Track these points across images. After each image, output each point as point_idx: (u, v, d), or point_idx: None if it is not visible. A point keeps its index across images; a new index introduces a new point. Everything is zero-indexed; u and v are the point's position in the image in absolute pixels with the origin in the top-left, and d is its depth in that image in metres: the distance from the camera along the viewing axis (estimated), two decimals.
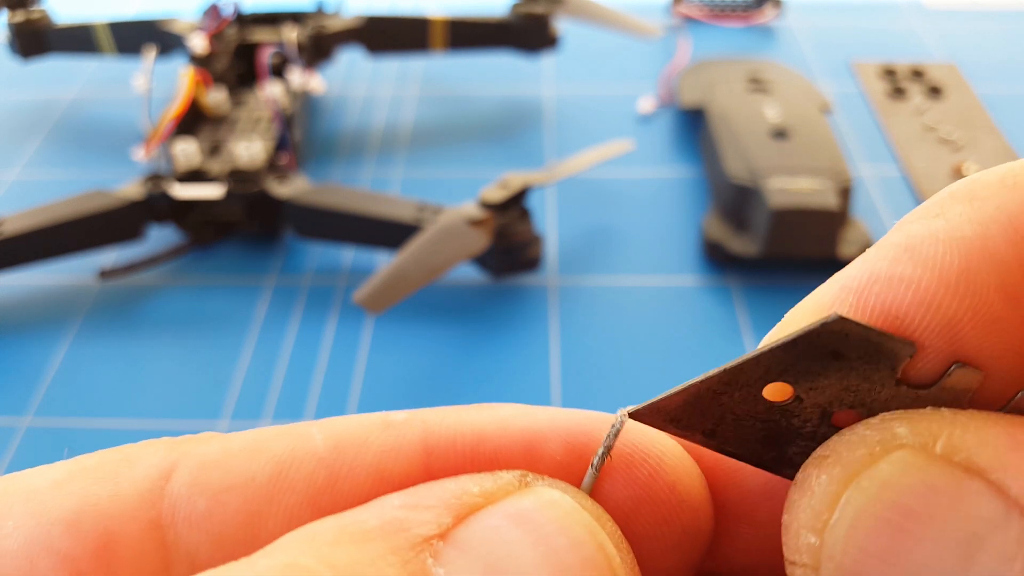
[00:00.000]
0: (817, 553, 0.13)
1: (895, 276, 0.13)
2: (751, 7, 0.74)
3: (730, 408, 0.14)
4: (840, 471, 0.13)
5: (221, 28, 0.60)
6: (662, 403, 0.14)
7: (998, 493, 0.12)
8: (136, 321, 0.48)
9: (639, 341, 0.46)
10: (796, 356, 0.13)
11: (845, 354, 0.13)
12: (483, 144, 0.62)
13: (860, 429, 0.13)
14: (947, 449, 0.12)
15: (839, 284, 0.13)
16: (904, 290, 0.13)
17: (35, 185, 0.58)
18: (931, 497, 0.12)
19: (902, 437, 0.13)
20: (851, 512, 0.13)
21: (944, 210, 0.13)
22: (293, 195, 0.49)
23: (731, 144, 0.52)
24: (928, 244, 0.13)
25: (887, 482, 0.12)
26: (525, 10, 0.62)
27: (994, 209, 0.13)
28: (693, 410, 0.14)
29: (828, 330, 0.13)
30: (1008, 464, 0.12)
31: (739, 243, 0.49)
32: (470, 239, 0.45)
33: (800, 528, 0.13)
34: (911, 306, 0.13)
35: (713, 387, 0.14)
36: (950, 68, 0.66)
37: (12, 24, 0.63)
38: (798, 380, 0.13)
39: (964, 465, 0.12)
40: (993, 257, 0.12)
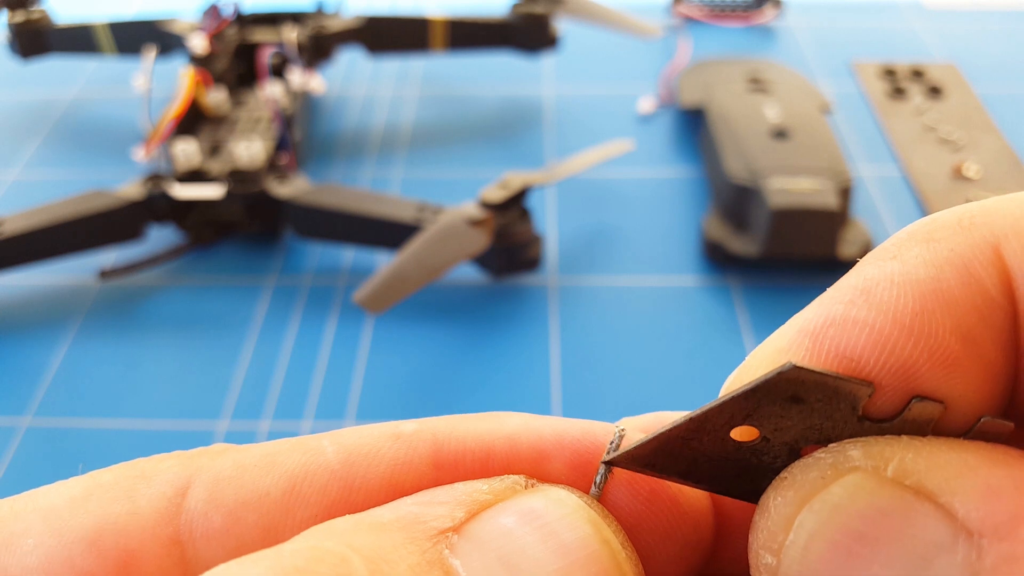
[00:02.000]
0: (775, 573, 0.13)
1: (850, 320, 0.13)
2: (751, 7, 0.74)
3: (700, 451, 0.14)
4: (793, 494, 0.13)
5: (221, 28, 0.60)
6: (635, 451, 0.15)
7: (945, 516, 0.12)
8: (136, 321, 0.48)
9: (639, 341, 0.46)
10: (756, 403, 0.14)
11: (804, 398, 0.13)
12: (483, 144, 0.62)
13: (818, 453, 0.14)
14: (898, 473, 0.13)
15: (796, 328, 0.14)
16: (859, 333, 0.13)
17: (35, 185, 0.59)
18: (880, 520, 0.13)
19: (855, 460, 0.13)
20: (804, 535, 0.13)
21: (901, 252, 0.13)
22: (293, 195, 0.49)
23: (731, 144, 0.52)
24: (883, 287, 0.13)
25: (838, 505, 0.13)
26: (525, 10, 0.62)
27: (948, 251, 0.13)
28: (665, 455, 0.15)
29: (784, 378, 0.13)
30: (956, 488, 0.12)
31: (739, 243, 0.49)
32: (470, 239, 0.45)
33: (759, 548, 0.14)
34: (866, 349, 0.13)
35: (681, 434, 0.14)
36: (950, 68, 0.66)
37: (12, 24, 0.63)
38: (762, 423, 0.14)
39: (914, 488, 0.13)
40: (947, 299, 0.13)
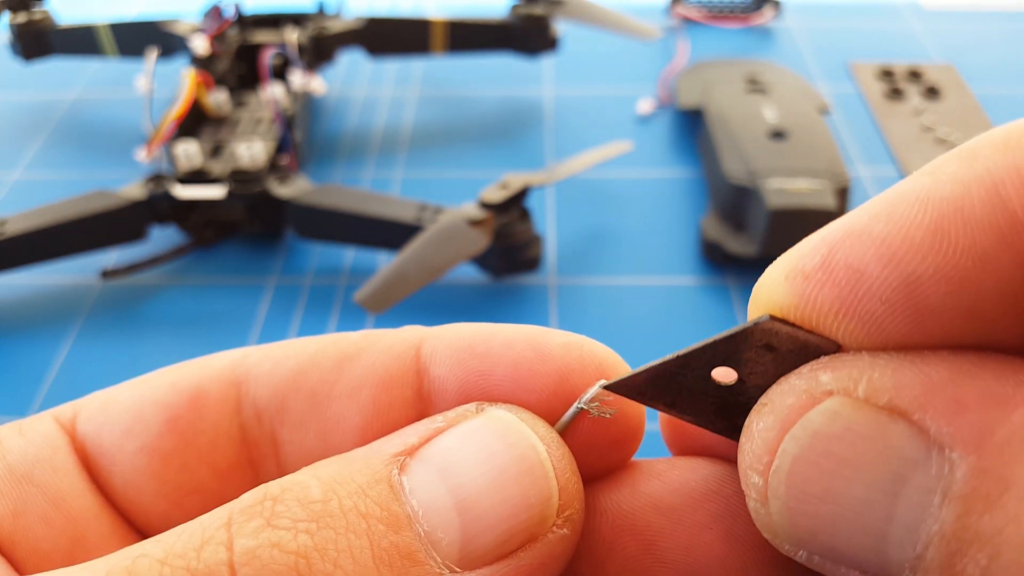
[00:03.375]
0: (764, 491, 0.15)
1: (866, 232, 0.14)
2: (749, 8, 0.74)
3: (685, 385, 0.16)
4: (773, 419, 0.15)
5: (223, 30, 0.60)
6: (630, 379, 0.17)
7: (919, 433, 0.13)
8: (138, 321, 0.48)
9: (638, 340, 0.46)
10: (735, 348, 0.15)
11: (777, 347, 0.15)
12: (483, 145, 0.62)
13: (792, 379, 0.15)
14: (869, 393, 0.14)
15: (821, 235, 0.15)
16: (870, 245, 0.14)
17: (37, 185, 0.59)
18: (858, 443, 0.14)
19: (826, 384, 0.14)
20: (788, 460, 0.14)
21: (940, 167, 0.13)
22: (294, 195, 0.49)
23: (729, 145, 0.52)
24: (906, 202, 0.13)
25: (817, 432, 0.14)
26: (525, 12, 0.62)
27: (983, 170, 0.13)
28: (655, 386, 0.17)
29: (760, 329, 0.15)
30: (927, 405, 0.13)
31: (737, 243, 0.49)
32: (470, 239, 0.45)
33: (746, 468, 0.15)
34: (872, 261, 0.14)
35: (669, 369, 0.16)
36: (948, 69, 0.67)
37: (14, 25, 0.63)
38: (739, 367, 0.16)
39: (888, 408, 0.13)
40: (967, 218, 0.13)
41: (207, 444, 0.19)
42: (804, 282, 0.14)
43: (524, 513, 0.16)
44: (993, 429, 0.12)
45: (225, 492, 0.19)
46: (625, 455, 0.19)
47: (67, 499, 0.18)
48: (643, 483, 0.18)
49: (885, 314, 0.14)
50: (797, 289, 0.15)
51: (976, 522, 0.12)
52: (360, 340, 0.19)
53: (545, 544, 0.16)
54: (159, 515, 0.19)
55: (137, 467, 0.19)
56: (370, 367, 0.19)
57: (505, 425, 0.17)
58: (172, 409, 0.19)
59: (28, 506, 0.18)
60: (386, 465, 0.16)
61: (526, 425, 0.17)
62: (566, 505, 0.16)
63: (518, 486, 0.16)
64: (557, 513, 0.16)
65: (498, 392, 0.18)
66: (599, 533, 0.18)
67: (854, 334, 0.14)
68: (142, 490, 0.19)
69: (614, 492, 0.18)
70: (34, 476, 0.18)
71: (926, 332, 0.14)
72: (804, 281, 0.14)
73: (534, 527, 0.16)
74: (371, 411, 0.18)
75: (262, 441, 0.19)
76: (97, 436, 0.19)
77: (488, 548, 0.16)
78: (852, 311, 0.14)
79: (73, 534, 0.18)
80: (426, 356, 0.19)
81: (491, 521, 0.16)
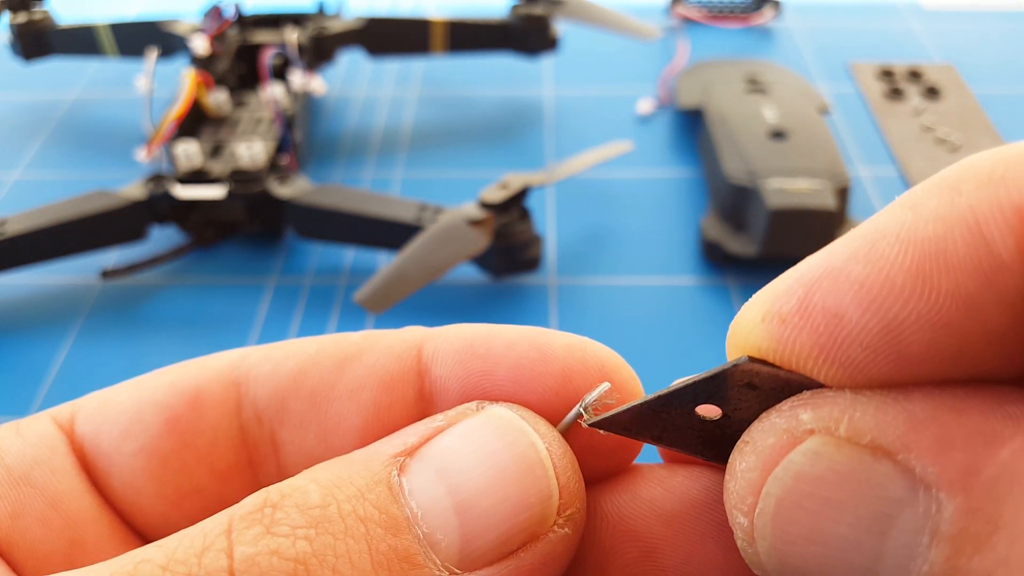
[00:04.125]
0: (750, 532, 0.15)
1: (844, 273, 0.13)
2: (749, 8, 0.74)
3: (670, 422, 0.16)
4: (755, 459, 0.14)
5: (222, 30, 0.60)
6: (614, 417, 0.17)
7: (904, 473, 0.13)
8: (138, 321, 0.48)
9: (638, 340, 0.46)
10: (716, 387, 0.15)
11: (759, 386, 0.15)
12: (483, 145, 0.62)
13: (773, 416, 0.15)
14: (851, 432, 0.13)
15: (797, 275, 0.14)
16: (849, 289, 0.13)
17: (37, 185, 0.59)
18: (842, 484, 0.13)
19: (806, 423, 0.14)
20: (772, 502, 0.14)
21: (920, 201, 0.13)
22: (294, 195, 0.49)
23: (729, 145, 0.52)
24: (886, 241, 0.13)
25: (800, 473, 0.14)
26: (525, 12, 0.62)
27: (966, 207, 0.12)
28: (640, 423, 0.17)
29: (740, 370, 0.15)
30: (911, 444, 0.13)
31: (737, 243, 0.49)
32: (470, 239, 0.45)
33: (732, 508, 0.15)
34: (851, 305, 0.13)
35: (653, 407, 0.16)
36: (948, 69, 0.67)
37: (14, 25, 0.63)
38: (723, 404, 0.15)
39: (871, 448, 0.13)
40: (949, 260, 0.12)
41: (206, 445, 0.19)
42: (781, 326, 0.14)
43: (524, 512, 0.16)
44: (980, 467, 0.12)
45: (225, 493, 0.19)
46: (626, 458, 0.18)
47: (65, 501, 0.18)
48: (644, 489, 0.18)
49: (866, 359, 0.13)
50: (774, 333, 0.14)
51: (966, 564, 0.12)
52: (361, 340, 0.19)
53: (546, 544, 0.16)
54: (158, 516, 0.19)
55: (136, 468, 0.19)
56: (371, 368, 0.19)
57: (505, 423, 0.17)
58: (171, 410, 0.19)
59: (26, 507, 0.18)
60: (385, 467, 0.16)
61: (526, 423, 0.17)
62: (567, 504, 0.16)
63: (518, 485, 0.16)
64: (558, 512, 0.16)
65: (500, 393, 0.18)
66: (599, 538, 0.18)
67: (835, 377, 0.14)
68: (141, 491, 0.19)
69: (615, 496, 0.18)
70: (32, 477, 0.18)
71: (909, 374, 0.13)
72: (781, 325, 0.14)
73: (535, 526, 0.16)
74: (372, 412, 0.18)
75: (262, 442, 0.19)
76: (95, 437, 0.19)
77: (488, 548, 0.15)
78: (831, 356, 0.14)
79: (71, 536, 0.18)
80: (427, 356, 0.18)
81: (491, 521, 0.15)
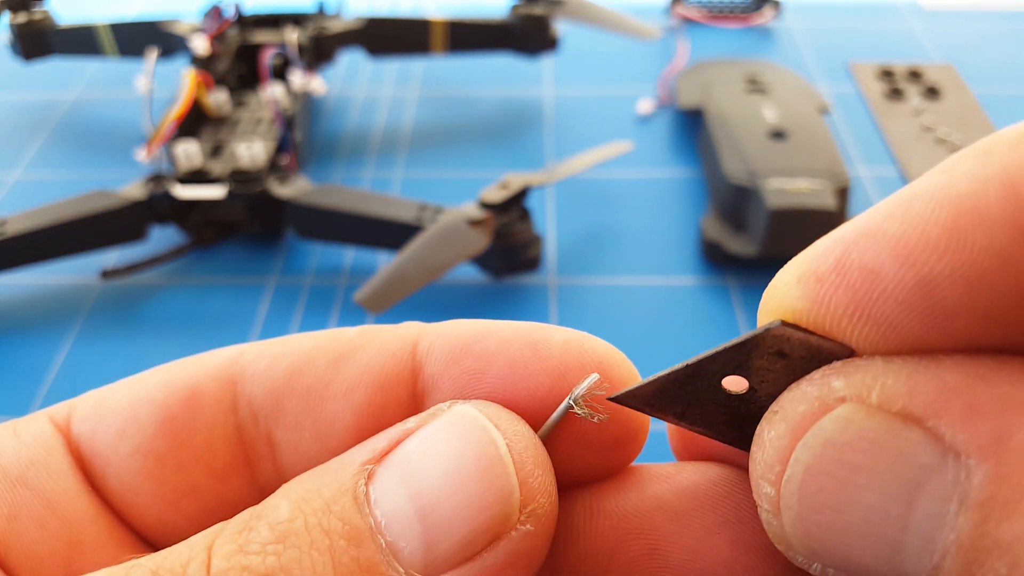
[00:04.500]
0: (776, 502, 0.14)
1: (881, 231, 0.13)
2: (749, 8, 0.74)
3: (695, 396, 0.16)
4: (785, 427, 0.14)
5: (223, 30, 0.60)
6: (637, 390, 0.16)
7: (934, 440, 0.13)
8: (138, 321, 0.48)
9: (638, 340, 0.46)
10: (745, 355, 0.15)
11: (789, 354, 0.15)
12: (483, 145, 0.62)
13: (804, 385, 0.14)
14: (882, 399, 0.13)
15: (834, 236, 0.14)
16: (885, 245, 0.13)
17: (37, 185, 0.59)
18: (872, 451, 0.13)
19: (839, 390, 0.14)
20: (800, 469, 0.14)
21: (955, 164, 0.13)
22: (294, 195, 0.49)
23: (729, 145, 0.52)
24: (921, 200, 0.13)
25: (830, 440, 0.14)
26: (525, 12, 0.62)
27: (999, 167, 0.12)
28: (663, 396, 0.16)
29: (771, 335, 0.14)
30: (941, 411, 0.13)
31: (737, 243, 0.49)
32: (470, 239, 0.45)
33: (758, 478, 0.15)
34: (887, 261, 0.13)
35: (678, 379, 0.16)
36: (948, 69, 0.67)
37: (14, 25, 0.63)
38: (751, 374, 0.15)
39: (902, 415, 0.13)
40: (983, 216, 0.12)
41: (203, 445, 0.19)
42: (817, 285, 0.14)
43: (484, 513, 0.15)
44: (1010, 434, 0.12)
45: (222, 493, 0.19)
46: (628, 455, 0.18)
47: (62, 502, 0.18)
48: (650, 486, 0.18)
49: (900, 316, 0.13)
50: (810, 292, 0.14)
51: (995, 530, 0.12)
52: (357, 337, 0.19)
53: (509, 543, 0.16)
54: (155, 517, 0.19)
55: (132, 469, 0.19)
56: (365, 366, 0.18)
57: (467, 422, 0.16)
58: (167, 409, 0.19)
59: (23, 509, 0.18)
60: (353, 476, 0.16)
61: (487, 420, 0.16)
62: (528, 500, 0.16)
63: (477, 485, 0.16)
64: (519, 509, 0.16)
65: (492, 391, 0.17)
66: (603, 536, 0.17)
67: (869, 338, 0.14)
68: (138, 492, 0.19)
69: (619, 494, 0.18)
70: (29, 479, 0.18)
71: (942, 334, 0.13)
72: (817, 284, 0.14)
73: (497, 526, 0.16)
74: (366, 411, 0.18)
75: (258, 441, 0.19)
76: (91, 437, 0.19)
77: (451, 553, 0.15)
78: (867, 314, 0.14)
79: (69, 538, 0.18)
80: (422, 354, 0.18)
81: (452, 525, 0.15)
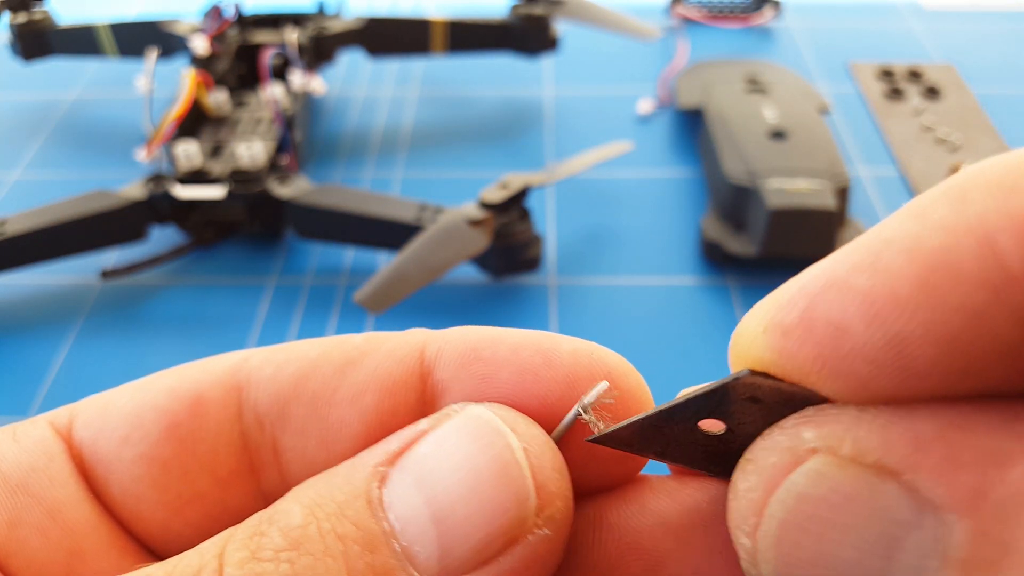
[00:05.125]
0: (753, 554, 0.14)
1: (848, 285, 0.13)
2: (749, 8, 0.74)
3: (673, 437, 0.16)
4: (757, 479, 0.14)
5: (222, 30, 0.60)
6: (615, 433, 0.16)
7: (910, 494, 0.12)
8: (138, 321, 0.48)
9: (638, 341, 0.46)
10: (717, 402, 0.15)
11: (762, 399, 0.14)
12: (483, 145, 0.62)
13: (775, 434, 0.14)
14: (855, 452, 0.13)
15: (799, 285, 0.14)
16: (852, 301, 0.13)
17: (37, 185, 0.59)
18: (846, 506, 0.13)
19: (809, 441, 0.13)
20: (775, 524, 0.14)
21: (926, 210, 0.12)
22: (294, 196, 0.49)
23: (729, 145, 0.52)
24: (891, 252, 0.12)
25: (802, 494, 0.13)
26: (525, 12, 0.62)
27: (975, 216, 0.12)
28: (641, 438, 0.16)
29: (741, 384, 0.14)
30: (917, 464, 0.12)
31: (737, 243, 0.49)
32: (470, 239, 0.45)
33: (735, 528, 0.15)
34: (855, 318, 0.12)
35: (654, 422, 0.16)
36: (948, 69, 0.67)
37: (14, 25, 0.63)
38: (726, 418, 0.15)
39: (876, 468, 0.13)
40: (956, 272, 0.12)
41: (208, 451, 0.19)
42: (783, 338, 0.14)
43: (501, 517, 0.15)
44: (989, 488, 0.12)
45: (226, 500, 0.19)
46: (633, 468, 0.18)
47: (64, 510, 0.18)
48: (652, 500, 0.17)
49: (870, 374, 0.13)
50: (775, 345, 0.14)
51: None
52: (363, 344, 0.19)
53: (525, 547, 0.15)
54: (159, 524, 0.19)
55: (136, 475, 0.18)
56: (372, 372, 0.18)
57: (481, 424, 0.16)
58: (172, 415, 0.19)
59: (24, 517, 0.17)
60: (366, 479, 0.16)
61: (503, 423, 0.16)
62: (545, 504, 0.16)
63: (493, 488, 0.15)
64: (536, 513, 0.16)
65: (502, 397, 0.17)
66: (604, 549, 0.17)
67: (839, 391, 0.13)
68: (141, 499, 0.19)
69: (621, 507, 0.17)
70: (30, 486, 0.18)
71: (915, 389, 0.13)
72: (783, 337, 0.14)
73: (513, 530, 0.15)
74: (373, 417, 0.18)
75: (264, 448, 0.19)
76: (94, 443, 0.19)
77: (467, 557, 0.15)
78: (835, 370, 0.13)
79: (70, 546, 0.18)
80: (430, 360, 0.18)
81: (467, 529, 0.15)
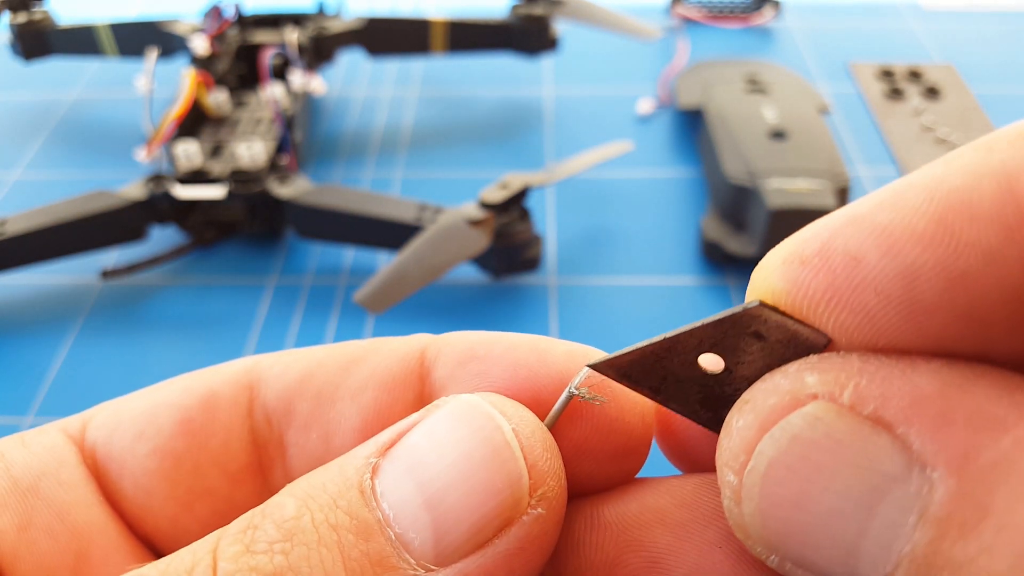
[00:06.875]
0: (738, 491, 0.14)
1: (868, 219, 0.13)
2: (749, 8, 0.74)
3: (672, 371, 0.16)
4: (753, 417, 0.14)
5: (223, 30, 0.60)
6: (615, 360, 0.17)
7: (902, 448, 0.12)
8: (138, 321, 0.48)
9: (638, 341, 0.46)
10: (723, 333, 0.15)
11: (766, 336, 0.15)
12: (483, 145, 0.62)
13: (777, 377, 0.14)
14: (854, 400, 0.13)
15: (823, 222, 0.14)
16: (870, 233, 0.13)
17: (37, 185, 0.59)
18: (837, 452, 0.13)
19: (811, 386, 0.14)
20: (764, 461, 0.14)
21: (954, 158, 0.13)
22: (294, 196, 0.49)
23: (729, 145, 0.52)
24: (913, 191, 0.13)
25: (796, 436, 0.13)
26: (525, 12, 0.62)
27: (997, 163, 0.12)
28: (640, 369, 0.17)
29: (749, 314, 0.14)
30: (912, 418, 0.12)
31: (737, 243, 0.49)
32: (470, 239, 0.45)
33: (723, 466, 0.15)
34: (871, 249, 0.13)
35: (656, 351, 0.16)
36: (948, 69, 0.67)
37: (14, 25, 0.63)
38: (727, 354, 0.15)
39: (872, 419, 0.13)
40: (974, 212, 0.12)
41: (219, 446, 0.19)
42: (799, 267, 0.14)
43: (494, 499, 0.15)
44: (979, 451, 0.12)
45: (235, 496, 0.19)
46: (632, 467, 0.18)
47: (73, 512, 0.18)
48: (651, 498, 0.17)
49: (879, 306, 0.13)
50: (791, 274, 0.14)
51: (949, 548, 0.12)
52: (368, 345, 0.19)
53: (520, 527, 0.16)
54: (168, 520, 0.19)
55: (149, 469, 0.19)
56: (373, 369, 0.19)
57: (470, 409, 0.16)
58: (185, 411, 0.19)
59: (33, 519, 0.18)
60: (358, 470, 0.16)
61: (491, 406, 0.16)
62: (538, 483, 0.16)
63: (484, 471, 0.15)
64: (529, 493, 0.16)
65: (495, 391, 0.17)
66: (604, 547, 0.17)
67: (845, 326, 0.14)
68: (152, 493, 0.19)
69: (621, 506, 0.18)
70: (40, 489, 0.18)
71: (919, 331, 0.13)
72: (800, 267, 0.14)
73: (507, 511, 0.15)
74: (372, 412, 0.18)
75: (271, 444, 0.19)
76: (108, 441, 0.19)
77: (462, 541, 0.15)
78: (845, 301, 0.13)
79: (78, 548, 0.18)
80: (430, 359, 0.18)
81: (461, 513, 0.15)
